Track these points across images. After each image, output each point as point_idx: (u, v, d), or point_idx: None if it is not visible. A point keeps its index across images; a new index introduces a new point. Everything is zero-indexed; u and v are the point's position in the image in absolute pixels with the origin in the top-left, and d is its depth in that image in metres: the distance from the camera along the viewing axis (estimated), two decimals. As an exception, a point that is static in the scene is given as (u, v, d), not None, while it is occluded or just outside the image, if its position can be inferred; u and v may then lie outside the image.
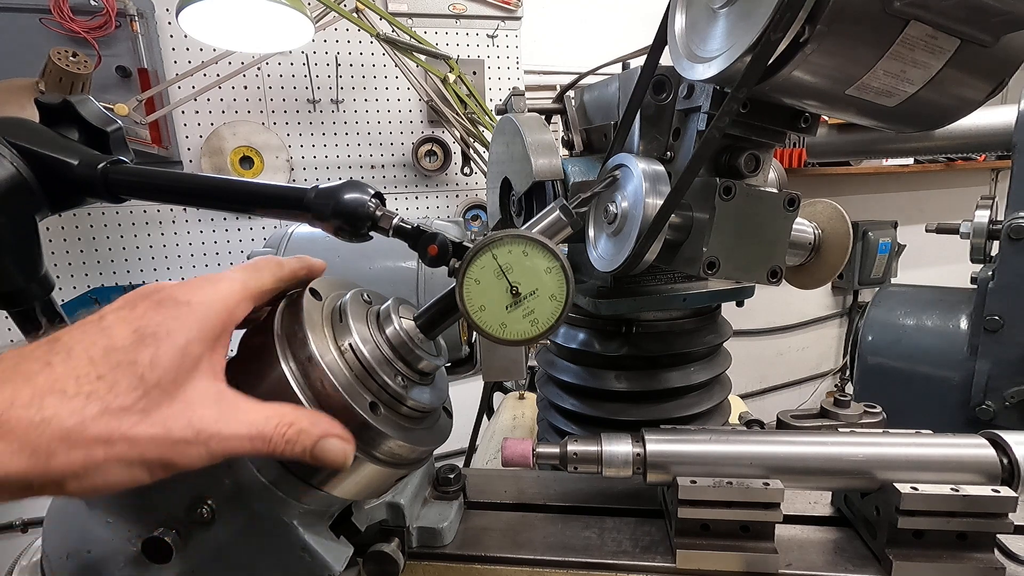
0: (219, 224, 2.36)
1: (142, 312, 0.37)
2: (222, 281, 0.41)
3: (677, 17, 0.58)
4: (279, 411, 0.39)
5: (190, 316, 0.38)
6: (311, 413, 0.41)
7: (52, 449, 0.31)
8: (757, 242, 0.61)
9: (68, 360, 0.33)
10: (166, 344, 0.36)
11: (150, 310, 0.37)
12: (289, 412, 0.40)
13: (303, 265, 0.49)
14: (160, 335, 0.36)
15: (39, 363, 0.33)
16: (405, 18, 2.35)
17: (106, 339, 0.35)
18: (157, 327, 0.36)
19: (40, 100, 0.62)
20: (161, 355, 0.35)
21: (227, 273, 0.43)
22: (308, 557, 0.48)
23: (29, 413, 0.31)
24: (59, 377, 0.33)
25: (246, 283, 0.42)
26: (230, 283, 0.41)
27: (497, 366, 0.81)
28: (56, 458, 0.31)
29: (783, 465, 0.57)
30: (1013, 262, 1.24)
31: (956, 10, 0.42)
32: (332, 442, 0.40)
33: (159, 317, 0.37)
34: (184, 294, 0.38)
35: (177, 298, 0.38)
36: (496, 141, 0.90)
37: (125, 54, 2.08)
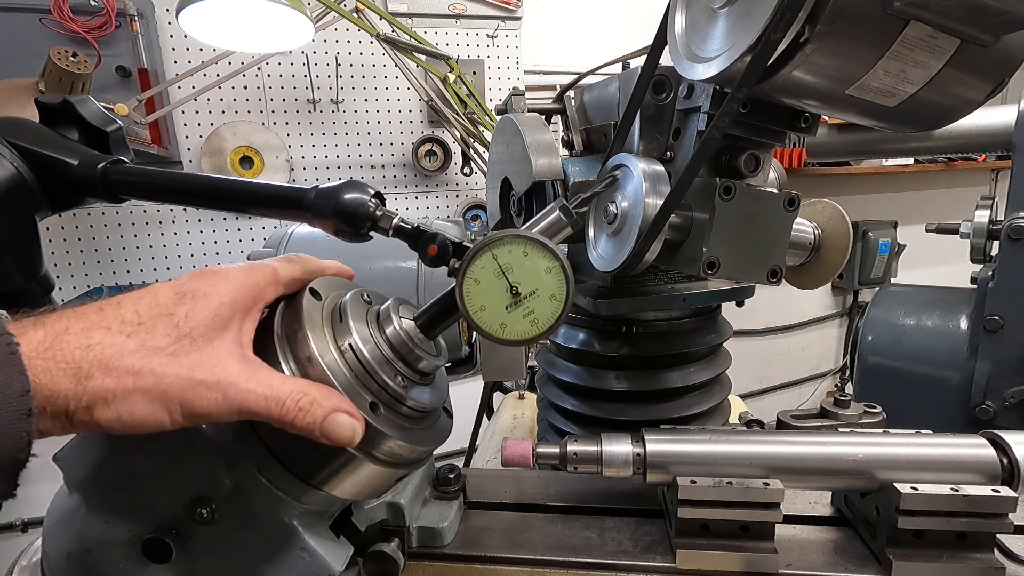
0: (219, 224, 2.36)
1: (185, 280, 0.43)
2: (258, 266, 0.47)
3: (677, 17, 0.58)
4: (296, 381, 0.42)
5: (225, 285, 0.43)
6: (325, 388, 0.42)
7: (91, 372, 0.36)
8: (757, 242, 0.61)
9: (117, 309, 0.39)
10: (201, 303, 0.41)
11: (193, 279, 0.43)
12: (305, 384, 0.42)
13: (332, 266, 0.54)
14: (197, 296, 0.41)
15: (93, 308, 0.39)
16: (405, 18, 2.35)
17: (151, 296, 0.41)
18: (196, 290, 0.42)
19: (40, 100, 0.62)
20: (196, 311, 0.40)
21: (262, 261, 0.48)
22: (308, 557, 0.48)
23: (78, 340, 0.36)
24: (107, 318, 0.38)
25: (277, 270, 0.47)
26: (264, 267, 0.46)
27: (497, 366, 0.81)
28: (92, 380, 0.36)
29: (783, 465, 0.57)
30: (1013, 262, 1.23)
31: (956, 10, 0.42)
32: (342, 417, 0.41)
33: (198, 283, 0.42)
34: (223, 270, 0.44)
35: (216, 272, 0.44)
36: (496, 141, 0.90)
37: (125, 54, 2.08)
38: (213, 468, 0.45)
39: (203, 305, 0.41)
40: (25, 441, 0.33)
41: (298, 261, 0.50)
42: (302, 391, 0.41)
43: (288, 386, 0.41)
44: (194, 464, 0.45)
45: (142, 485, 0.46)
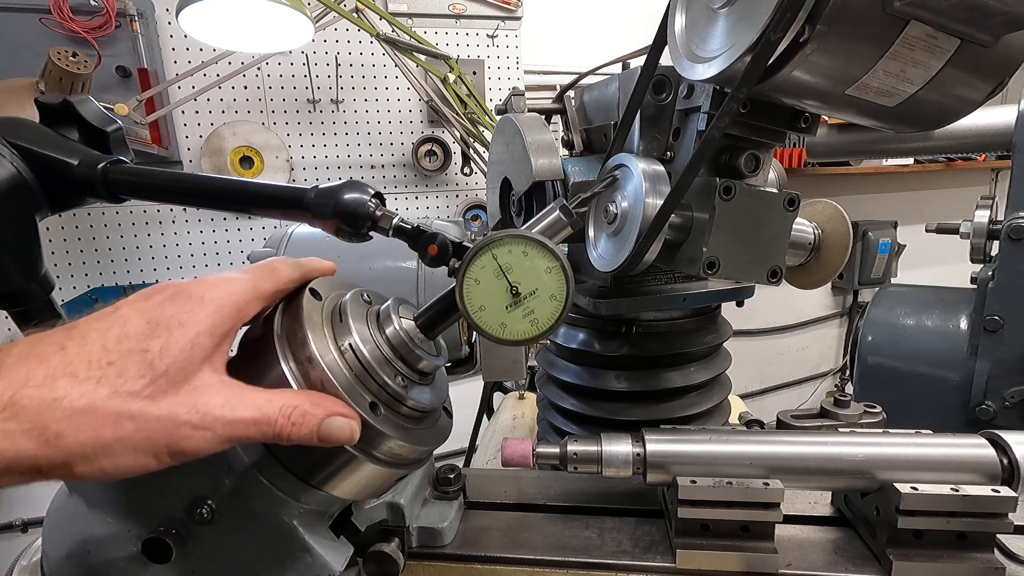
0: (219, 224, 2.36)
1: (157, 304, 0.38)
2: (236, 281, 0.42)
3: (677, 17, 0.58)
4: (282, 395, 0.40)
5: (202, 311, 0.39)
6: (313, 394, 0.42)
7: (61, 430, 0.32)
8: (757, 242, 0.61)
9: (82, 345, 0.35)
10: (177, 335, 0.37)
11: (165, 303, 0.38)
12: (292, 395, 0.41)
13: (315, 267, 0.50)
14: (172, 326, 0.37)
15: (54, 346, 0.34)
16: (405, 18, 2.35)
17: (120, 327, 0.36)
18: (170, 319, 0.37)
19: (40, 100, 0.62)
20: (171, 345, 0.36)
21: (241, 272, 0.44)
22: (308, 557, 0.48)
23: (41, 393, 0.32)
24: (72, 360, 0.34)
25: (258, 284, 0.43)
26: (243, 283, 0.42)
27: (497, 366, 0.81)
28: (65, 439, 0.32)
29: (783, 465, 0.57)
30: (1013, 262, 1.23)
31: (956, 10, 0.42)
32: (337, 420, 0.41)
33: (172, 310, 0.38)
34: (198, 290, 0.40)
35: (191, 293, 0.39)
36: (496, 141, 0.90)
37: (125, 54, 2.08)
38: (213, 468, 0.45)
39: (179, 337, 0.37)
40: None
41: (281, 268, 0.46)
42: (291, 405, 0.39)
43: (275, 403, 0.39)
44: (194, 464, 0.45)
45: (142, 485, 0.46)
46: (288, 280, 0.47)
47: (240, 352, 0.48)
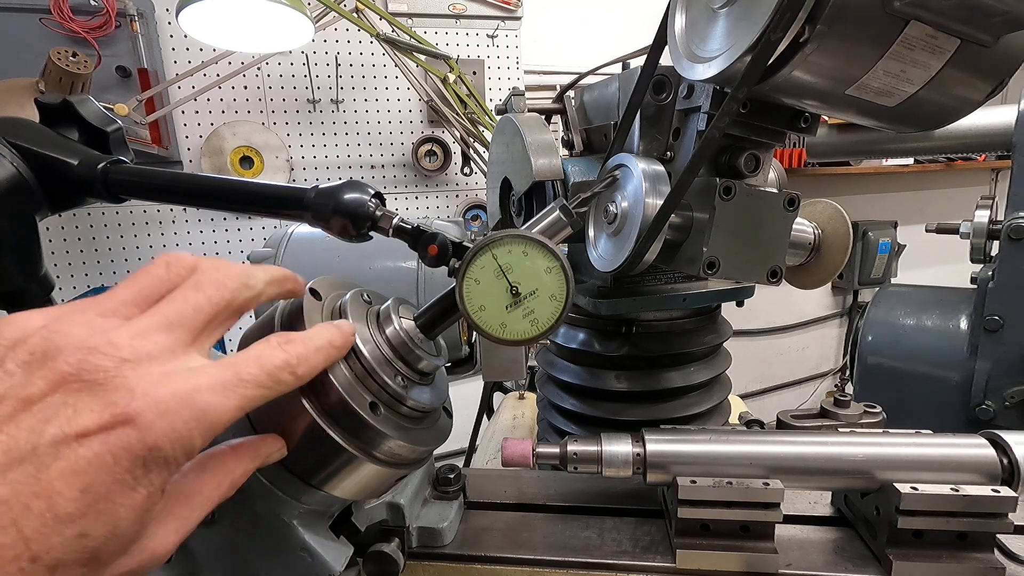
0: (219, 224, 2.36)
1: (88, 445, 0.28)
2: (215, 398, 0.32)
3: (677, 17, 0.58)
4: (224, 470, 0.37)
5: (159, 463, 0.29)
6: (247, 451, 0.40)
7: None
8: (757, 242, 0.61)
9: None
10: (126, 507, 0.29)
11: (103, 439, 0.28)
12: (233, 467, 0.38)
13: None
14: (119, 494, 0.28)
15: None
16: (405, 18, 2.35)
17: (44, 501, 0.26)
18: (116, 481, 0.28)
19: (40, 100, 0.62)
20: (120, 523, 0.29)
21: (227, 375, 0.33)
22: (308, 557, 0.48)
23: None
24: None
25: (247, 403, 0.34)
26: (225, 402, 0.32)
27: (497, 366, 0.81)
28: None
29: (783, 465, 0.57)
30: (1013, 262, 1.24)
31: (956, 10, 0.42)
32: (272, 457, 0.42)
33: (119, 466, 0.28)
34: (151, 423, 0.29)
35: (143, 431, 0.28)
36: (496, 141, 0.90)
37: (125, 54, 2.08)
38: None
39: (126, 515, 0.29)
40: None
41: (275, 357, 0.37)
42: (237, 475, 0.38)
43: (216, 485, 0.37)
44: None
45: None
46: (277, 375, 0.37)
47: (239, 352, 0.48)
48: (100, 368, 0.29)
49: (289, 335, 0.39)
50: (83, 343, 0.30)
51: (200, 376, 0.32)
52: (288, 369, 0.37)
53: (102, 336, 0.30)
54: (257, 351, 0.36)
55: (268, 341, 0.38)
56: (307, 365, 0.39)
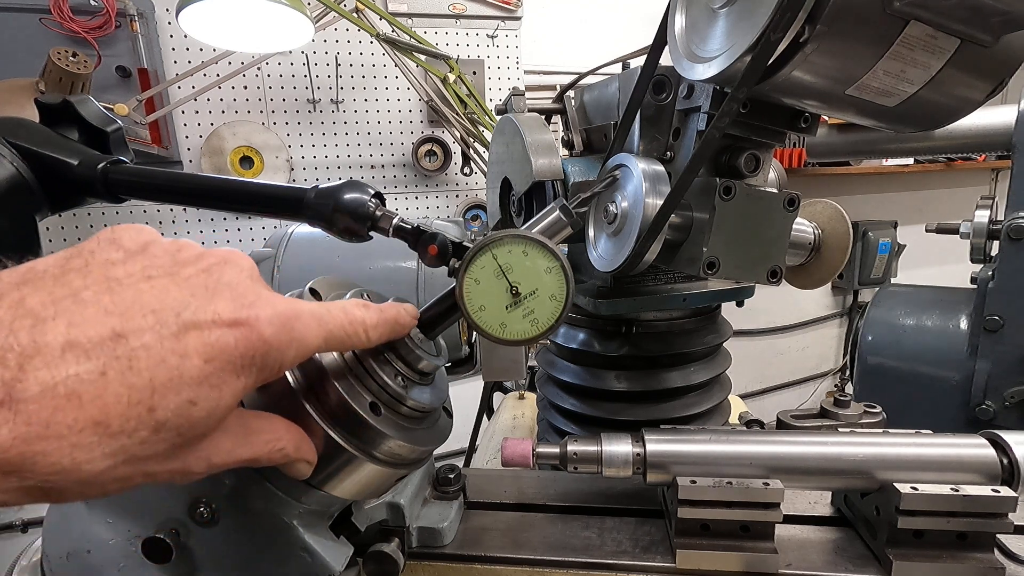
0: (219, 224, 2.36)
1: (220, 328, 0.32)
2: (312, 321, 0.37)
3: (677, 17, 0.58)
4: (276, 434, 0.39)
5: (264, 359, 0.33)
6: (296, 436, 0.41)
7: (67, 489, 0.29)
8: (757, 242, 0.61)
9: (127, 375, 0.29)
10: (229, 389, 0.32)
11: (230, 329, 0.32)
12: (283, 435, 0.40)
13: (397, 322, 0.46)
14: (228, 376, 0.32)
15: (94, 364, 0.28)
16: (405, 18, 2.35)
17: (177, 358, 0.30)
18: (230, 362, 0.32)
19: (40, 100, 0.62)
20: (221, 402, 0.32)
21: (321, 310, 0.38)
22: (308, 557, 0.48)
23: (61, 452, 0.27)
24: (109, 402, 0.28)
25: (331, 338, 0.38)
26: (318, 328, 0.37)
27: (497, 366, 0.81)
28: (67, 496, 0.29)
29: (783, 465, 0.57)
30: (1013, 262, 1.24)
31: (956, 10, 0.42)
32: (300, 465, 0.42)
33: (237, 349, 0.32)
34: (269, 320, 0.33)
35: (262, 326, 0.33)
36: (496, 141, 0.90)
37: (125, 54, 2.08)
38: (213, 468, 0.45)
39: (222, 398, 0.32)
40: None
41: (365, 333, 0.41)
42: (279, 448, 0.39)
43: (271, 444, 0.39)
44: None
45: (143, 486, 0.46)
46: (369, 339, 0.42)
47: None
48: (234, 276, 0.34)
49: (366, 302, 0.43)
50: (218, 253, 0.36)
51: (302, 304, 0.37)
52: (363, 326, 0.41)
53: (231, 254, 0.36)
54: (342, 304, 0.41)
55: (351, 300, 0.42)
56: (377, 331, 0.43)
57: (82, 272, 0.31)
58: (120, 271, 0.32)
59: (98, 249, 0.33)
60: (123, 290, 0.31)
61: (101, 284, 0.30)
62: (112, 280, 0.31)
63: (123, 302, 0.30)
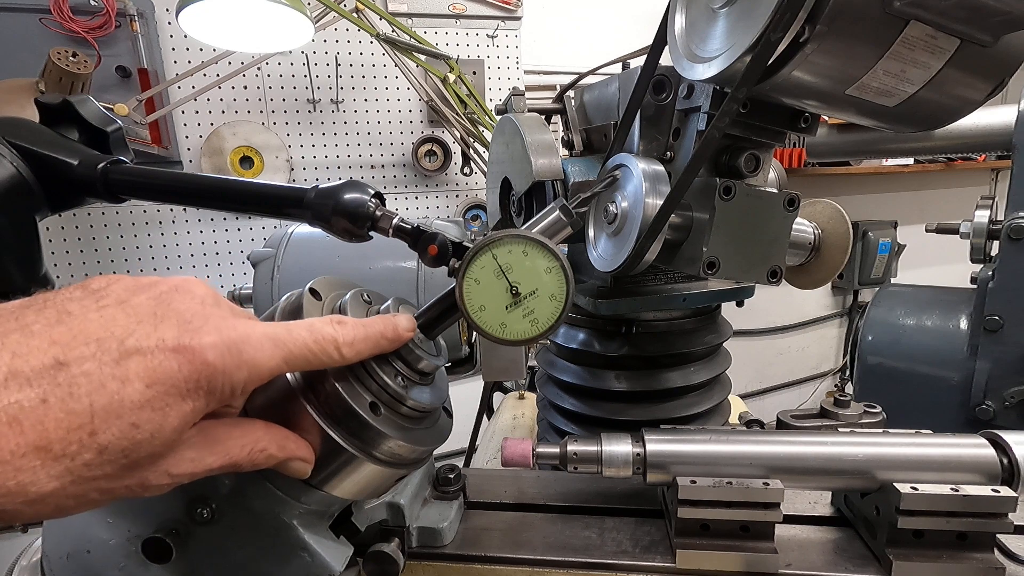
0: (219, 224, 2.36)
1: (163, 353, 0.32)
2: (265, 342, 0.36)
3: (677, 17, 0.58)
4: (252, 437, 0.39)
5: (210, 383, 0.34)
6: (279, 435, 0.41)
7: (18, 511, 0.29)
8: (757, 242, 0.61)
9: (67, 401, 0.30)
10: (175, 412, 0.33)
11: (173, 354, 0.32)
12: (261, 436, 0.40)
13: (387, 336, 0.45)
14: (172, 399, 0.32)
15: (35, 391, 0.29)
16: (405, 18, 2.35)
17: (118, 384, 0.31)
18: (174, 386, 0.32)
19: (40, 100, 0.62)
20: (166, 426, 0.32)
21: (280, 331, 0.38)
22: (308, 557, 0.48)
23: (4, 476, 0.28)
24: (50, 428, 0.29)
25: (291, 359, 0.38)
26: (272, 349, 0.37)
27: (497, 366, 0.81)
28: (20, 517, 0.30)
29: (783, 465, 0.57)
30: (1013, 262, 1.23)
31: (956, 10, 0.42)
32: (295, 464, 0.42)
33: (180, 373, 0.33)
34: (213, 345, 0.34)
35: (205, 351, 0.33)
36: (496, 141, 0.90)
37: (125, 54, 2.08)
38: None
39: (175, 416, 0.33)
40: None
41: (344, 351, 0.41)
42: (259, 448, 0.39)
43: (246, 448, 0.38)
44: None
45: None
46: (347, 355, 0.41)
47: None
48: (184, 303, 0.35)
49: (342, 318, 0.42)
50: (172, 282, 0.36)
51: (257, 327, 0.37)
52: (334, 345, 0.40)
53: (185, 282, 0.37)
54: (310, 321, 0.41)
55: (322, 318, 0.42)
56: (354, 349, 0.42)
57: (38, 308, 0.32)
58: (75, 305, 0.33)
59: (63, 291, 0.34)
60: (72, 321, 0.32)
61: (52, 318, 0.32)
62: (64, 313, 0.32)
63: (69, 332, 0.31)
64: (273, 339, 0.37)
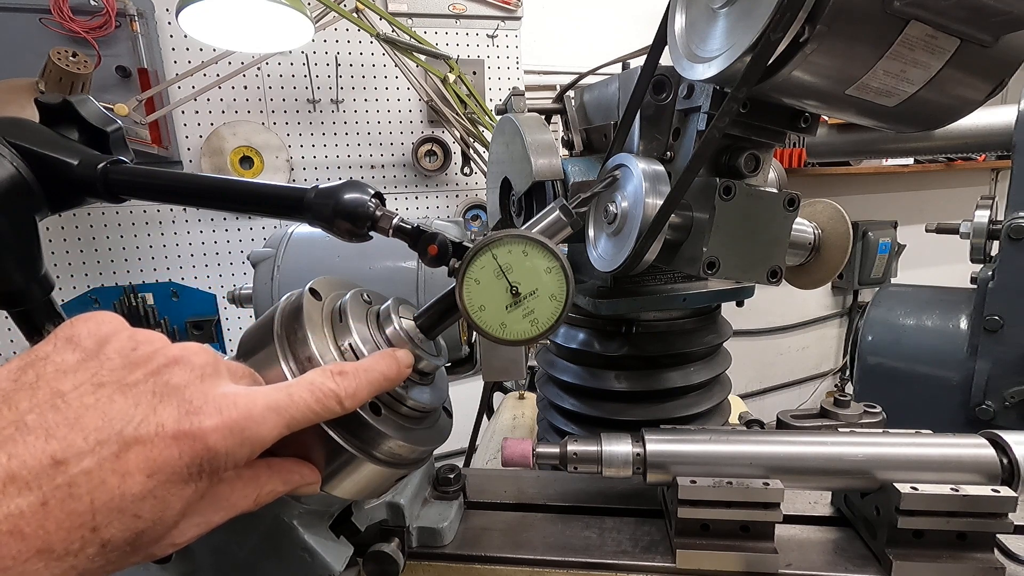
0: (219, 224, 2.36)
1: (164, 440, 0.32)
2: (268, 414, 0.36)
3: (677, 17, 0.58)
4: (256, 485, 0.39)
5: (212, 465, 0.34)
6: (283, 471, 0.41)
7: None
8: (757, 242, 0.61)
9: (68, 501, 0.29)
10: (176, 498, 0.33)
11: (173, 441, 0.32)
12: (265, 481, 0.40)
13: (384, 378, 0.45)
14: (174, 487, 0.32)
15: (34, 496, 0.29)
16: (405, 18, 2.35)
17: (118, 478, 0.30)
18: (175, 473, 0.32)
19: (40, 100, 0.62)
20: (168, 511, 0.32)
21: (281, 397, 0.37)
22: (308, 557, 0.48)
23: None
24: (51, 530, 0.29)
25: (293, 424, 0.38)
26: (276, 419, 0.37)
27: (497, 366, 0.80)
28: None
29: (783, 465, 0.57)
30: (1013, 262, 1.23)
31: (956, 10, 0.42)
32: (303, 490, 0.43)
33: (182, 460, 0.32)
34: (215, 428, 0.33)
35: (206, 436, 0.33)
36: (496, 141, 0.90)
37: (125, 54, 2.08)
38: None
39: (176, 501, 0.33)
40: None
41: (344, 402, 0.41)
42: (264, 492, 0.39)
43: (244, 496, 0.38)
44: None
45: None
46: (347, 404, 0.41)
47: (240, 351, 0.48)
48: (184, 378, 0.34)
49: (343, 367, 0.42)
50: (170, 353, 0.35)
51: (257, 397, 0.36)
52: (336, 399, 0.40)
53: (184, 350, 0.36)
54: (311, 378, 0.40)
55: (323, 371, 0.41)
56: (355, 399, 0.41)
57: (31, 389, 0.31)
58: (68, 383, 0.32)
59: (53, 353, 0.33)
60: (67, 408, 0.31)
61: (47, 403, 0.31)
62: (58, 395, 0.31)
63: (65, 422, 0.30)
64: (276, 410, 0.37)
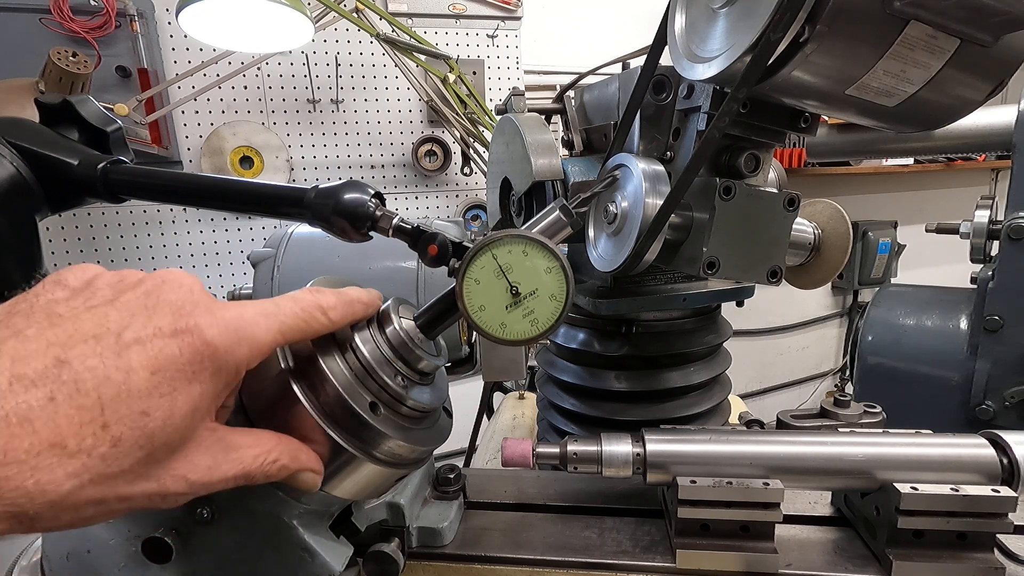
0: (219, 224, 2.36)
1: (162, 339, 0.33)
2: (259, 318, 0.37)
3: (677, 17, 0.58)
4: (265, 447, 0.40)
5: (214, 362, 0.34)
6: (291, 447, 0.42)
7: (39, 513, 0.29)
8: (757, 242, 0.61)
9: (75, 396, 0.30)
10: (183, 397, 0.33)
11: (172, 339, 0.33)
12: (273, 447, 0.40)
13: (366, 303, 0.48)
14: (179, 383, 0.33)
15: (41, 391, 0.29)
16: (405, 18, 2.35)
17: (122, 374, 0.31)
18: (179, 370, 0.33)
19: (40, 100, 0.62)
20: (176, 411, 0.33)
21: (268, 305, 0.39)
22: (308, 557, 0.48)
23: (22, 476, 0.28)
24: (62, 424, 0.29)
25: (285, 329, 0.39)
26: (267, 322, 0.38)
27: (497, 366, 0.81)
28: (41, 521, 0.30)
29: (783, 465, 0.57)
30: (1013, 262, 1.23)
31: (956, 10, 0.42)
32: (306, 476, 0.42)
33: (183, 357, 0.33)
34: (210, 325, 0.34)
35: (203, 331, 0.34)
36: (496, 141, 0.90)
37: (125, 54, 2.08)
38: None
39: (184, 400, 0.33)
40: None
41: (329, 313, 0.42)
42: (271, 459, 0.39)
43: (259, 459, 0.38)
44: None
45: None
46: (328, 324, 0.43)
47: None
48: (174, 294, 0.35)
49: (319, 288, 0.44)
50: (157, 276, 0.37)
51: (247, 306, 0.38)
52: (319, 309, 0.42)
53: (170, 273, 0.37)
54: (292, 294, 0.42)
55: (302, 290, 0.43)
56: (337, 312, 0.43)
57: (26, 314, 0.32)
58: (62, 307, 0.33)
59: (43, 291, 0.34)
60: (64, 323, 0.32)
61: (44, 321, 0.32)
62: (54, 316, 0.32)
63: (64, 333, 0.31)
64: (265, 314, 0.38)
